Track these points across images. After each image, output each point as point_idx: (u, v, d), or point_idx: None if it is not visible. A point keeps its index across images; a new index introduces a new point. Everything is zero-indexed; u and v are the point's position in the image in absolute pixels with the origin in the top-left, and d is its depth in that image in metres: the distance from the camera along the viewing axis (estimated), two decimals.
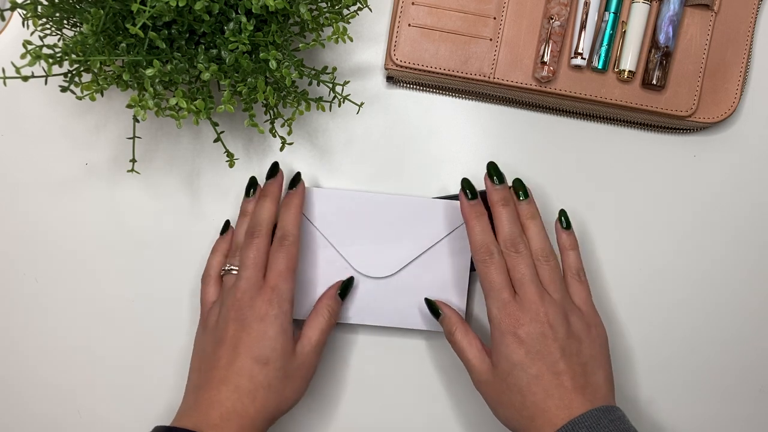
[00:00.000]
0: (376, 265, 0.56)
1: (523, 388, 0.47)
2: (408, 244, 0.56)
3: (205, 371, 0.49)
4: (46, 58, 0.43)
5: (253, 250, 0.51)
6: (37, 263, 0.59)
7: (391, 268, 0.56)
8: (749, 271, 0.59)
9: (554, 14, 0.55)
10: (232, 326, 0.49)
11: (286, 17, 0.49)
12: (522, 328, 0.48)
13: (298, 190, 0.54)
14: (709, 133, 0.60)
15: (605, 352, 0.50)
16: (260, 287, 0.50)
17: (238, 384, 0.47)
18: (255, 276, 0.50)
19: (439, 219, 0.56)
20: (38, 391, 0.59)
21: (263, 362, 0.48)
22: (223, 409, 0.47)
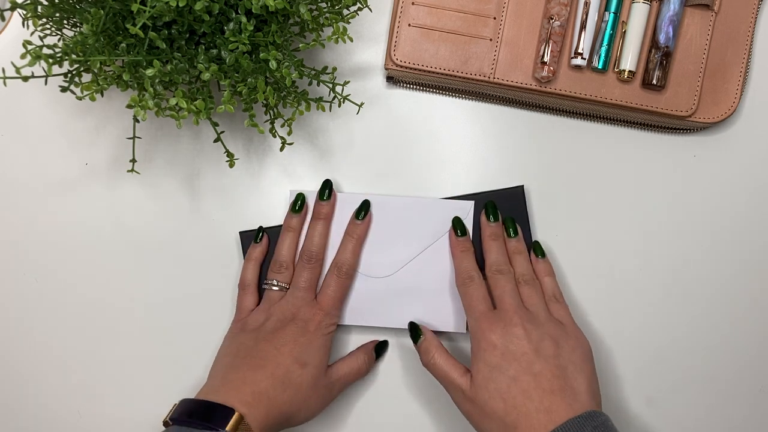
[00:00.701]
0: (376, 265, 0.56)
1: (503, 391, 0.47)
2: (408, 243, 0.56)
3: (242, 357, 0.50)
4: (46, 58, 0.43)
5: (307, 273, 0.54)
6: (37, 263, 0.59)
7: (392, 268, 0.56)
8: (750, 271, 0.59)
9: (554, 14, 0.55)
10: (280, 331, 0.51)
11: (286, 17, 0.49)
12: (496, 333, 0.50)
13: (365, 222, 0.56)
14: (709, 133, 0.60)
15: (587, 361, 0.50)
16: (313, 305, 0.53)
17: (275, 372, 0.49)
18: (309, 297, 0.54)
19: (438, 219, 0.56)
20: (38, 391, 0.59)
21: (301, 364, 0.50)
22: (257, 388, 0.48)
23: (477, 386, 0.49)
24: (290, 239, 0.56)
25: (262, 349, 0.50)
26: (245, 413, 0.46)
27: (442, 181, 0.59)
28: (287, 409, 0.49)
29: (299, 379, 0.50)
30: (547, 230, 0.59)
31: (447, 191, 0.59)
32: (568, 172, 0.59)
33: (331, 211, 0.56)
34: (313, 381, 0.50)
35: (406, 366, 0.58)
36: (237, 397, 0.47)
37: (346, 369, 0.54)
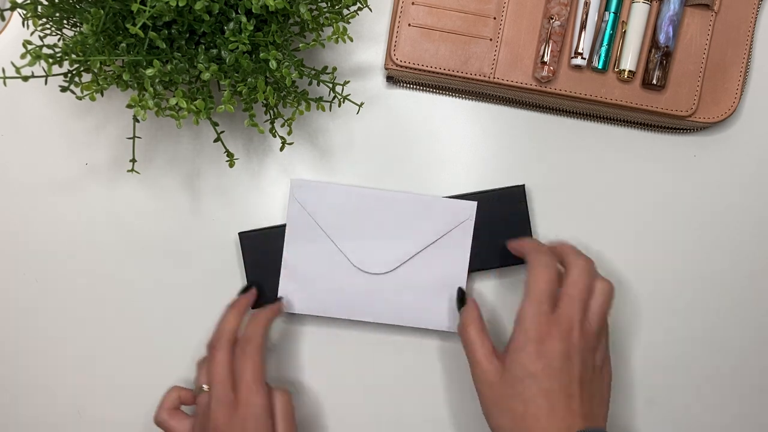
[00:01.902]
0: (374, 261, 0.56)
1: (528, 399, 0.47)
2: (407, 241, 0.56)
3: None
4: (46, 58, 0.43)
5: (217, 366, 0.50)
6: (37, 263, 0.59)
7: (390, 265, 0.56)
8: (749, 271, 0.59)
9: (554, 14, 0.55)
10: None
11: (286, 17, 0.49)
12: (549, 342, 0.47)
13: (272, 308, 0.54)
14: (709, 133, 0.60)
15: (609, 391, 0.51)
16: (232, 404, 0.49)
17: None
18: (223, 394, 0.49)
19: (439, 216, 0.56)
20: (38, 391, 0.59)
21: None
22: None
23: (505, 380, 0.48)
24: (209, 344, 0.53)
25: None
26: None
27: (442, 181, 0.59)
28: None
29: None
30: (547, 230, 0.59)
31: (447, 191, 0.58)
32: (568, 172, 0.59)
33: (246, 303, 0.55)
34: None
35: (404, 364, 0.58)
36: None
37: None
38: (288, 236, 0.57)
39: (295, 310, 0.57)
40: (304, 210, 0.57)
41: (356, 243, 0.56)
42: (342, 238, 0.56)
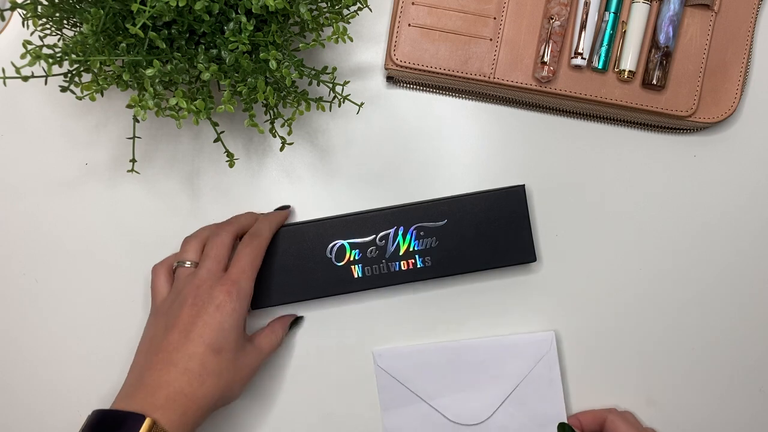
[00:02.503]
0: (469, 412, 0.57)
1: None
2: (496, 385, 0.57)
3: (154, 353, 0.48)
4: (46, 58, 0.43)
5: (219, 244, 0.52)
6: (37, 263, 0.59)
7: (485, 413, 0.57)
8: (749, 271, 0.59)
9: (554, 14, 0.55)
10: (187, 311, 0.49)
11: (286, 17, 0.49)
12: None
13: (284, 211, 0.56)
14: (709, 133, 0.60)
15: None
16: (220, 278, 0.50)
17: (187, 367, 0.47)
18: (216, 268, 0.51)
19: (519, 355, 0.57)
20: (38, 391, 0.59)
21: (216, 350, 0.48)
22: (171, 389, 0.46)
23: None
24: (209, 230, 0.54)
25: (172, 340, 0.48)
26: (158, 418, 0.45)
27: (442, 181, 0.59)
28: (209, 401, 0.48)
29: (217, 367, 0.48)
30: (547, 230, 0.59)
31: (447, 191, 0.58)
32: (568, 172, 0.59)
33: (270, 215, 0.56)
34: (232, 365, 0.49)
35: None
36: (150, 402, 0.45)
37: (266, 346, 0.53)
38: (383, 404, 0.58)
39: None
40: (391, 377, 0.58)
41: (448, 398, 0.57)
42: (433, 396, 0.57)
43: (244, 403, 0.58)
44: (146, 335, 0.51)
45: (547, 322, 0.59)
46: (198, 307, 0.49)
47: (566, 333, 0.59)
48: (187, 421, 0.46)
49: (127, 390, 0.48)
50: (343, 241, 0.56)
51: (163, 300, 0.52)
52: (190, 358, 0.47)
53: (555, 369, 0.57)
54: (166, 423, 0.45)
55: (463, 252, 0.56)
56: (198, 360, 0.47)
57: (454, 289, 0.59)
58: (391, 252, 0.56)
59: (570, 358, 0.59)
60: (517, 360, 0.57)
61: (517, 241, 0.56)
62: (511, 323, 0.59)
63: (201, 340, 0.48)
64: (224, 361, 0.48)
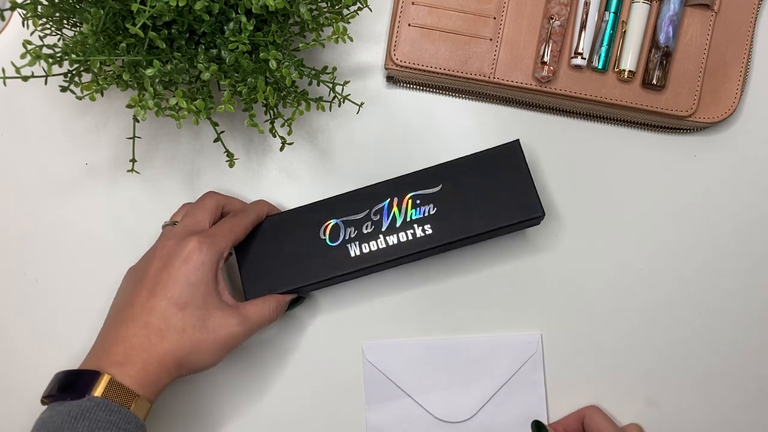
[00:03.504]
0: (454, 409, 0.56)
1: None
2: (482, 384, 0.57)
3: (119, 310, 0.47)
4: (46, 58, 0.43)
5: (200, 207, 0.51)
6: (37, 263, 0.59)
7: (470, 411, 0.56)
8: (749, 271, 0.59)
9: (554, 14, 0.55)
10: (155, 264, 0.47)
11: (286, 17, 0.49)
12: None
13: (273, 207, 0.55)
14: (709, 133, 0.60)
15: None
16: (196, 232, 0.48)
17: (147, 321, 0.45)
18: (191, 224, 0.49)
19: (507, 355, 0.57)
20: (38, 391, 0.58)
21: (180, 306, 0.46)
22: (128, 344, 0.45)
23: None
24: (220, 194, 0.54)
25: (138, 294, 0.46)
26: (115, 373, 0.43)
27: None
28: (171, 358, 0.45)
29: (180, 323, 0.45)
30: (547, 230, 0.59)
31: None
32: (568, 172, 0.59)
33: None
34: (199, 323, 0.46)
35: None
36: (107, 359, 0.44)
37: (253, 313, 0.50)
38: (368, 397, 0.57)
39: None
40: (378, 371, 0.57)
41: (434, 395, 0.57)
42: (418, 392, 0.57)
43: (231, 396, 0.58)
44: (118, 291, 0.50)
45: (546, 321, 0.59)
46: (165, 259, 0.47)
47: (565, 333, 0.59)
48: (147, 377, 0.44)
49: (94, 348, 0.47)
50: (336, 220, 0.54)
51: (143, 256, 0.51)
52: (151, 312, 0.45)
53: (539, 371, 0.57)
54: (124, 377, 0.43)
55: (464, 216, 0.53)
56: (159, 314, 0.45)
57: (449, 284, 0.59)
58: (388, 225, 0.53)
59: (569, 357, 0.59)
60: (504, 360, 0.57)
61: (521, 197, 0.53)
62: (505, 322, 0.59)
63: (163, 293, 0.46)
64: (189, 317, 0.46)
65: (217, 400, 0.57)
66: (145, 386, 0.44)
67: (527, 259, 0.59)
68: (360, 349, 0.58)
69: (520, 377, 0.57)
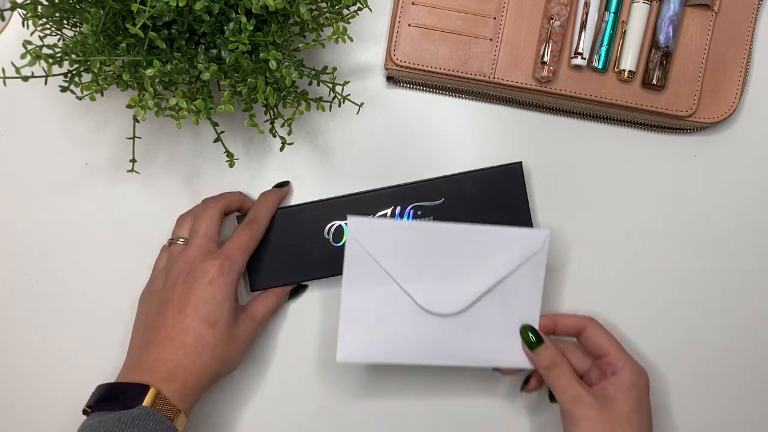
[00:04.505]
0: (443, 301, 0.51)
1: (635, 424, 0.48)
2: (477, 277, 0.51)
3: (151, 330, 0.50)
4: (46, 58, 0.43)
5: (206, 219, 0.53)
6: (37, 263, 0.59)
7: (460, 304, 0.51)
8: (749, 271, 0.59)
9: (554, 14, 0.55)
10: (180, 287, 0.50)
11: (286, 17, 0.49)
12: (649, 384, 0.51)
13: (282, 189, 0.57)
14: (709, 133, 0.60)
15: None
16: (212, 252, 0.51)
17: (183, 341, 0.49)
18: (206, 244, 0.52)
19: (509, 249, 0.52)
20: (38, 391, 0.58)
21: (211, 323, 0.49)
22: (169, 363, 0.48)
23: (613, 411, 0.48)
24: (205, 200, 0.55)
25: (167, 316, 0.49)
26: (161, 388, 0.46)
27: None
28: (207, 371, 0.49)
29: (212, 339, 0.49)
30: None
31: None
32: (568, 173, 0.59)
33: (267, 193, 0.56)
34: (227, 336, 0.50)
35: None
36: (151, 376, 0.47)
37: (260, 312, 0.54)
38: (347, 278, 0.51)
39: (357, 359, 0.52)
40: (363, 249, 0.51)
41: (422, 282, 0.51)
42: (407, 278, 0.51)
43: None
44: (141, 313, 0.53)
45: None
46: (190, 282, 0.50)
47: None
48: (187, 392, 0.48)
49: (128, 366, 0.50)
50: (340, 222, 0.56)
51: (156, 276, 0.54)
52: (186, 332, 0.49)
53: (541, 270, 0.52)
54: (168, 393, 0.47)
55: None
56: (193, 334, 0.49)
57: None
58: None
59: None
60: (505, 254, 0.51)
61: (515, 218, 0.56)
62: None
63: (195, 314, 0.49)
64: (219, 333, 0.50)
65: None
66: (185, 401, 0.48)
67: None
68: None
69: (520, 275, 0.52)
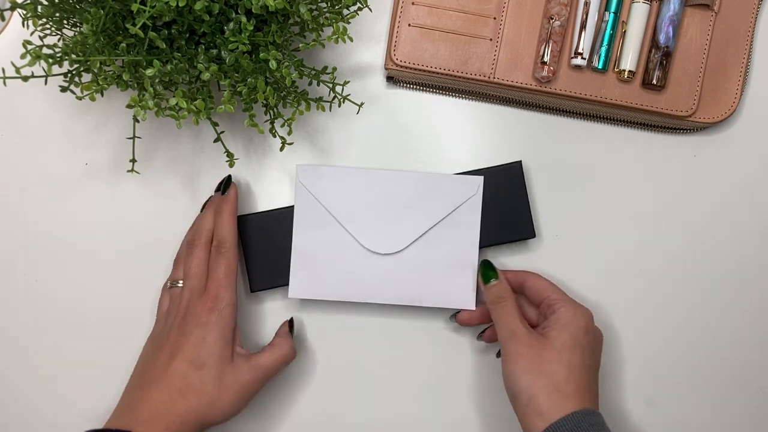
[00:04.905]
0: (384, 241, 0.56)
1: (574, 367, 0.49)
2: (416, 219, 0.56)
3: (141, 374, 0.51)
4: (46, 58, 0.43)
5: (194, 261, 0.53)
6: (37, 263, 0.59)
7: (400, 244, 0.56)
8: (749, 271, 0.59)
9: (554, 14, 0.55)
10: (174, 333, 0.51)
11: (286, 17, 0.49)
12: (592, 325, 0.52)
13: (229, 196, 0.55)
14: (709, 133, 0.60)
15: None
16: (202, 294, 0.52)
17: (169, 383, 0.48)
18: (198, 285, 0.52)
19: (446, 193, 0.56)
20: (38, 391, 0.58)
21: (198, 366, 0.49)
22: (152, 405, 0.48)
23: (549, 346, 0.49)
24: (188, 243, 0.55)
25: (159, 358, 0.50)
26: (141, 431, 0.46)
27: None
28: (192, 416, 0.48)
29: (200, 383, 0.49)
30: (546, 230, 0.59)
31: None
32: (568, 173, 0.59)
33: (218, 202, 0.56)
34: (216, 381, 0.49)
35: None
36: (135, 419, 0.47)
37: (271, 360, 0.52)
38: (296, 222, 0.56)
39: (306, 296, 0.56)
40: (311, 195, 0.56)
41: (365, 225, 0.56)
42: (350, 220, 0.56)
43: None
44: (140, 359, 0.53)
45: None
46: (182, 327, 0.51)
47: None
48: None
49: (118, 411, 0.50)
50: None
51: (158, 322, 0.54)
52: (173, 374, 0.49)
53: (476, 213, 0.56)
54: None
55: None
56: (180, 376, 0.49)
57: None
58: None
59: None
60: (444, 197, 0.56)
61: (516, 216, 0.57)
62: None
63: (183, 356, 0.49)
64: (207, 376, 0.49)
65: None
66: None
67: (528, 259, 0.59)
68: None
69: (456, 217, 0.56)
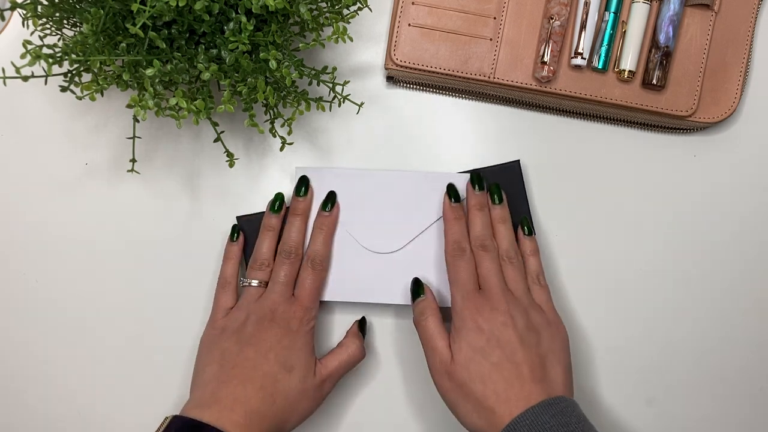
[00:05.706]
0: (383, 241, 0.56)
1: (484, 375, 0.48)
2: (413, 218, 0.56)
3: (229, 368, 0.50)
4: (46, 58, 0.43)
5: (286, 269, 0.54)
6: (37, 263, 0.59)
7: (399, 244, 0.56)
8: (749, 271, 0.59)
9: (554, 14, 0.55)
10: (263, 332, 0.51)
11: (286, 17, 0.49)
12: (483, 316, 0.50)
13: (333, 215, 0.56)
14: (709, 133, 0.60)
15: (565, 350, 0.52)
16: (292, 302, 0.53)
17: (263, 385, 0.49)
18: (287, 293, 0.53)
19: (442, 192, 0.56)
20: (38, 391, 0.59)
21: (288, 369, 0.50)
22: (249, 407, 0.48)
23: (458, 364, 0.49)
24: (270, 238, 0.55)
25: (248, 356, 0.50)
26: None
27: None
28: (279, 420, 0.49)
29: (287, 387, 0.50)
30: (546, 230, 0.59)
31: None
32: (568, 172, 0.59)
33: (307, 207, 0.56)
34: (301, 385, 0.50)
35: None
36: (230, 419, 0.47)
37: (336, 362, 0.53)
38: None
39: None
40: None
41: (364, 224, 0.56)
42: (349, 221, 0.56)
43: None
44: (214, 350, 0.52)
45: None
46: (272, 329, 0.51)
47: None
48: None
49: (202, 399, 0.49)
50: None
51: (231, 315, 0.53)
52: (266, 376, 0.49)
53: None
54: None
55: None
56: (272, 379, 0.49)
57: None
58: None
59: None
60: (439, 196, 0.56)
61: (515, 216, 0.56)
62: None
63: (275, 359, 0.50)
64: (295, 380, 0.50)
65: None
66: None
67: None
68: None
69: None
